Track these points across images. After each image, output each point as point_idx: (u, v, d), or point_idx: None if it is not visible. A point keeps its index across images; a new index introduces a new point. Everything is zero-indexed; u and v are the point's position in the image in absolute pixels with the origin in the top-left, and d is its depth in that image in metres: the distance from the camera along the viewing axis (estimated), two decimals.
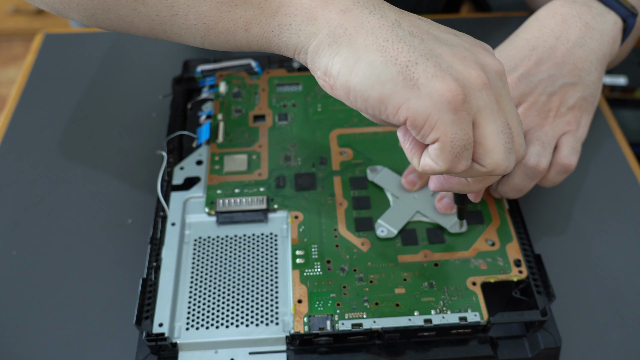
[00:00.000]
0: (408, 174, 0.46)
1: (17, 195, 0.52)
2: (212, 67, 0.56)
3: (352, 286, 0.41)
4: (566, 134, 0.45)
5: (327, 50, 0.34)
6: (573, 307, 0.45)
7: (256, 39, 0.36)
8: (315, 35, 0.34)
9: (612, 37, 0.47)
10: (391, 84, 0.32)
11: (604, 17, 0.46)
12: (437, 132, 0.32)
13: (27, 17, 1.69)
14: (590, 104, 0.46)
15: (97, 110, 0.59)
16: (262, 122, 0.52)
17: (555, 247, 0.49)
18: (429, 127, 0.32)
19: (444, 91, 0.31)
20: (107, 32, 0.67)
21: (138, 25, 0.37)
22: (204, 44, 0.37)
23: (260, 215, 0.46)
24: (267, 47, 0.36)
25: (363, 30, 0.33)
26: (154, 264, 0.43)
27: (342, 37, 0.33)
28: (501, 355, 0.40)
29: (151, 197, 0.50)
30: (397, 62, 0.32)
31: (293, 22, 0.34)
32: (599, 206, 0.51)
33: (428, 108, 0.32)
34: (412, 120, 0.32)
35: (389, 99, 0.32)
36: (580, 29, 0.46)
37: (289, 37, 0.35)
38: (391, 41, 0.32)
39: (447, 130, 0.32)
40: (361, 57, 0.32)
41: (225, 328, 0.40)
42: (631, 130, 0.79)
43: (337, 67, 0.33)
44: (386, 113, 0.33)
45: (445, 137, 0.32)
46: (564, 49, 0.45)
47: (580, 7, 0.46)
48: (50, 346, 0.43)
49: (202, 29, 0.36)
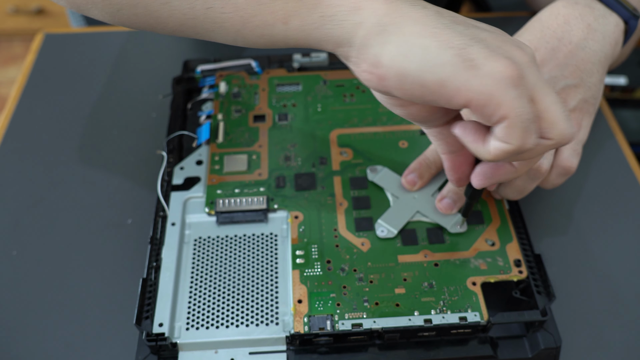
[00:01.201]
0: (408, 173, 0.46)
1: (17, 195, 0.52)
2: (212, 67, 0.56)
3: (352, 286, 0.41)
4: None
5: (376, 39, 0.33)
6: (573, 307, 0.45)
7: (294, 32, 0.35)
8: (362, 24, 0.33)
9: (614, 39, 0.46)
10: (450, 67, 0.31)
11: (606, 19, 0.46)
12: (503, 109, 0.31)
13: (27, 17, 1.69)
14: (591, 105, 0.46)
15: (97, 110, 0.59)
16: (262, 122, 0.52)
17: (555, 247, 0.49)
18: (495, 106, 0.31)
19: (503, 68, 0.31)
20: (107, 32, 0.67)
21: (166, 21, 0.36)
22: (235, 41, 0.36)
23: (260, 215, 0.46)
24: (304, 41, 0.35)
25: (410, 19, 0.33)
26: (154, 264, 0.43)
27: (390, 25, 0.33)
28: (501, 355, 0.40)
29: (151, 197, 0.50)
30: (451, 45, 0.32)
31: (337, 13, 0.33)
32: (599, 206, 0.51)
33: (490, 86, 0.31)
34: (476, 101, 0.31)
35: (449, 81, 0.31)
36: (583, 30, 0.46)
37: (331, 29, 0.34)
38: (439, 28, 0.32)
39: (514, 106, 0.31)
40: (414, 43, 0.32)
41: (225, 328, 0.40)
42: (631, 130, 0.79)
43: (389, 55, 0.32)
44: (446, 97, 0.32)
45: (513, 113, 0.31)
46: (566, 50, 0.45)
47: (583, 8, 0.46)
48: (50, 346, 0.43)
49: (237, 22, 0.35)
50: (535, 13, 0.67)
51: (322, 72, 0.56)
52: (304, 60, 0.57)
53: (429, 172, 0.46)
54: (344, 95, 0.54)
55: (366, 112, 0.53)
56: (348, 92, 0.54)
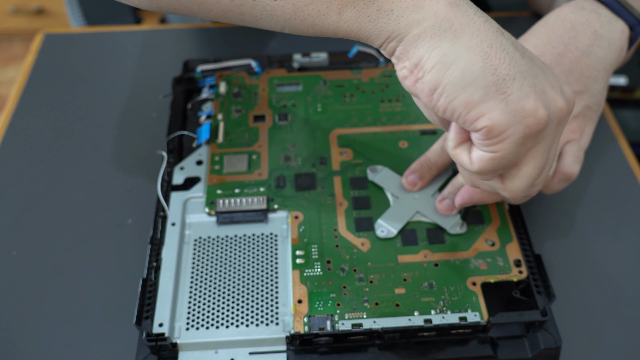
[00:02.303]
0: (409, 174, 0.46)
1: (17, 195, 0.52)
2: (212, 67, 0.56)
3: (352, 286, 0.41)
4: (570, 142, 0.45)
5: (427, 42, 0.32)
6: (573, 307, 0.45)
7: (347, 24, 0.33)
8: (419, 24, 0.32)
9: (619, 45, 0.46)
10: (482, 92, 0.31)
11: (612, 26, 0.46)
12: (501, 145, 0.32)
13: (27, 17, 1.69)
14: (594, 112, 0.46)
15: (97, 110, 0.59)
16: (262, 122, 0.52)
17: (555, 247, 0.49)
18: (498, 140, 0.32)
19: (530, 114, 0.31)
20: (107, 32, 0.67)
21: (210, 8, 0.35)
22: (283, 28, 0.35)
23: (260, 215, 0.46)
24: (355, 33, 0.34)
25: (470, 29, 0.32)
26: (154, 264, 0.43)
27: (447, 31, 0.32)
28: (501, 355, 0.40)
29: (151, 197, 0.50)
30: (496, 72, 0.31)
31: (395, 8, 0.32)
32: (599, 206, 0.51)
33: (508, 123, 0.32)
34: (489, 130, 0.32)
35: (476, 105, 0.32)
36: (589, 37, 0.45)
37: (386, 23, 0.33)
38: (495, 48, 0.32)
39: (510, 149, 0.32)
40: (461, 56, 0.32)
41: (225, 328, 0.40)
42: (631, 130, 0.79)
43: (433, 61, 0.32)
44: (465, 118, 0.32)
45: (503, 153, 0.33)
46: (572, 56, 0.45)
47: (590, 14, 0.46)
48: (50, 346, 0.43)
49: (289, 11, 0.34)
50: (535, 13, 0.68)
51: (322, 72, 0.56)
52: (304, 60, 0.57)
53: (430, 174, 0.46)
54: (344, 95, 0.54)
55: (366, 112, 0.53)
56: (348, 92, 0.54)
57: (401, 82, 0.34)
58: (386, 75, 0.56)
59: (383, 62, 0.57)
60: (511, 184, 0.35)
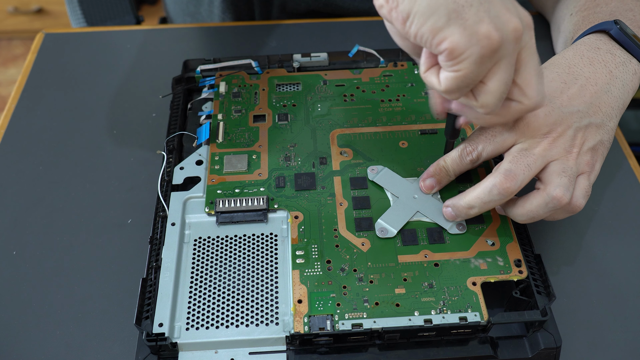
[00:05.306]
0: (427, 177, 0.46)
1: (17, 195, 0.52)
2: (212, 67, 0.56)
3: (352, 286, 0.41)
4: (582, 174, 0.44)
5: None
6: (573, 307, 0.45)
7: None
8: None
9: (631, 87, 0.48)
10: (445, 18, 0.35)
11: (626, 67, 0.47)
12: (462, 65, 0.36)
13: (27, 17, 1.69)
14: (606, 149, 0.46)
15: (96, 110, 0.59)
16: (262, 122, 0.52)
17: (555, 247, 0.49)
18: (459, 60, 0.36)
19: (484, 36, 0.35)
20: (107, 32, 0.67)
21: None
22: None
23: (260, 215, 0.46)
24: None
25: None
26: (154, 264, 0.43)
27: None
28: (501, 355, 0.40)
29: (151, 197, 0.50)
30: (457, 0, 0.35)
31: None
32: (599, 206, 0.51)
33: (466, 45, 0.35)
34: (450, 52, 0.36)
35: (440, 30, 0.35)
36: (606, 75, 0.46)
37: None
38: None
39: (470, 68, 0.36)
40: None
41: (225, 328, 0.40)
42: (631, 130, 0.79)
43: None
44: (431, 42, 0.36)
45: (465, 72, 0.36)
46: (593, 90, 0.45)
47: (605, 54, 0.47)
48: (50, 346, 0.43)
49: None
50: (538, 13, 0.68)
51: (322, 72, 0.56)
52: (304, 60, 0.57)
53: (447, 179, 0.46)
54: (344, 95, 0.54)
55: (366, 112, 0.53)
56: (348, 92, 0.54)
57: (378, 10, 0.38)
58: (386, 75, 0.56)
59: (383, 62, 0.57)
60: (483, 99, 0.38)
